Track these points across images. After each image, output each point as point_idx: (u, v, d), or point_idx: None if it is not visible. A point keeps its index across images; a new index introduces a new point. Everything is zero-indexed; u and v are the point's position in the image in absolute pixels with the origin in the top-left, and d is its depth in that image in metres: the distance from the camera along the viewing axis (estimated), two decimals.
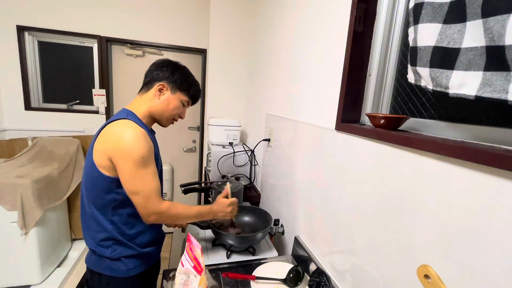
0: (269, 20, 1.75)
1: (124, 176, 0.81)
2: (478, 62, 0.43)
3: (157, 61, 0.98)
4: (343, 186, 0.86)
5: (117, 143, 0.81)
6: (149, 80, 0.95)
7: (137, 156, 0.80)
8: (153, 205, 0.83)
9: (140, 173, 0.81)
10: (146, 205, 0.82)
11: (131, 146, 0.80)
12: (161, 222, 0.89)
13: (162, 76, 0.94)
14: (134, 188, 0.81)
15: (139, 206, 0.83)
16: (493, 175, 0.43)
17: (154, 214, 0.84)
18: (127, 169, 0.80)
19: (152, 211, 0.83)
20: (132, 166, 0.80)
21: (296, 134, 1.24)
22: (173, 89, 0.95)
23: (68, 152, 1.91)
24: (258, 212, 1.29)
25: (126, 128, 0.83)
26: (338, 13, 0.92)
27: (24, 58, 2.19)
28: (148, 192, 0.82)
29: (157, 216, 0.85)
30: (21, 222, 1.43)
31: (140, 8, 2.35)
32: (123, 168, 0.81)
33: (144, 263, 0.96)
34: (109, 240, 0.89)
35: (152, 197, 0.83)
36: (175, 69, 0.96)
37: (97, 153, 0.83)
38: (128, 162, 0.80)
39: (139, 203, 0.82)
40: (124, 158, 0.80)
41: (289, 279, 0.91)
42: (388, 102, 0.83)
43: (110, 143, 0.82)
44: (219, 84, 2.30)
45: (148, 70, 0.97)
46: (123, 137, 0.81)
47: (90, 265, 0.92)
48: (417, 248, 0.57)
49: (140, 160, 0.81)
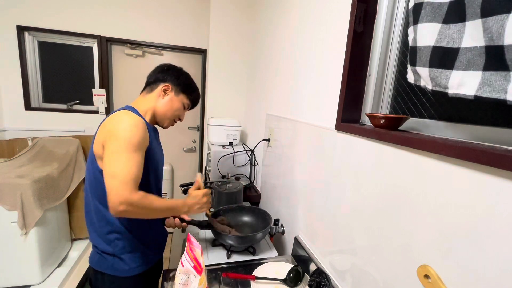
0: (269, 20, 1.75)
1: (107, 157, 0.77)
2: (477, 62, 0.43)
3: (161, 64, 1.02)
4: (343, 186, 0.86)
5: (112, 127, 0.81)
6: (153, 80, 0.98)
7: (127, 139, 0.78)
8: (126, 192, 0.74)
9: (125, 156, 0.77)
10: (119, 191, 0.73)
11: (123, 130, 0.79)
12: (130, 214, 0.77)
13: (167, 78, 0.98)
14: (113, 170, 0.75)
15: (112, 191, 0.74)
16: (493, 175, 0.43)
17: (124, 204, 0.73)
18: (112, 150, 0.77)
19: (123, 198, 0.73)
20: (119, 147, 0.77)
21: (296, 134, 1.24)
22: (177, 91, 0.99)
23: (68, 152, 1.91)
24: (258, 212, 1.29)
25: (124, 115, 0.84)
26: (338, 13, 0.92)
27: (24, 58, 2.19)
28: (126, 177, 0.75)
29: (126, 206, 0.74)
30: (21, 222, 1.43)
31: (140, 8, 2.36)
32: (109, 148, 0.78)
33: (146, 262, 0.96)
34: (113, 233, 0.89)
35: (128, 184, 0.75)
36: (180, 73, 1.01)
37: (96, 142, 0.84)
38: (116, 142, 0.77)
39: (113, 188, 0.74)
40: (113, 138, 0.78)
41: (289, 279, 0.91)
42: (388, 102, 0.83)
43: (106, 130, 0.82)
44: (219, 84, 2.30)
45: (153, 72, 1.00)
46: (119, 121, 0.81)
47: (93, 265, 0.93)
48: (417, 248, 0.57)
49: (128, 144, 0.78)
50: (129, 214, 0.77)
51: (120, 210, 0.74)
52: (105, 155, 0.78)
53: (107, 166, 0.76)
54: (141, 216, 0.82)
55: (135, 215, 0.79)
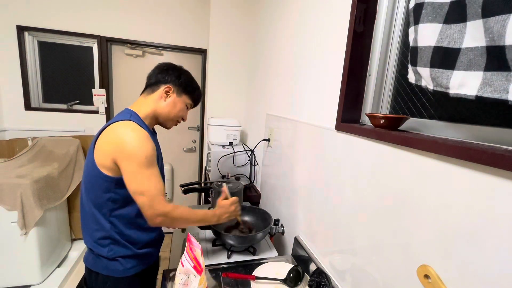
0: (269, 20, 1.75)
1: (129, 177, 0.81)
2: (478, 62, 0.43)
3: (161, 64, 1.00)
4: (343, 186, 0.86)
5: (121, 145, 0.81)
6: (154, 82, 0.96)
7: (141, 157, 0.80)
8: (159, 206, 0.81)
9: (145, 173, 0.81)
10: (152, 205, 0.80)
11: (136, 148, 0.81)
12: (166, 224, 0.85)
13: (168, 79, 0.96)
14: (140, 189, 0.80)
15: (145, 207, 0.80)
16: (493, 175, 0.43)
17: (160, 216, 0.81)
18: (132, 170, 0.80)
19: (158, 212, 0.81)
20: (137, 167, 0.80)
21: (296, 134, 1.24)
22: (179, 92, 0.98)
23: (68, 152, 1.91)
24: (258, 212, 1.29)
25: (130, 130, 0.83)
26: (338, 13, 0.92)
27: (24, 58, 2.19)
28: (153, 192, 0.81)
29: (163, 217, 0.82)
30: (21, 222, 1.43)
31: (140, 8, 2.35)
32: (128, 169, 0.80)
33: (141, 263, 0.96)
34: (107, 239, 0.89)
35: (157, 198, 0.81)
36: (180, 73, 0.99)
37: (99, 153, 0.84)
38: (133, 163, 0.80)
39: (145, 204, 0.80)
40: (129, 159, 0.80)
41: (289, 279, 0.91)
42: (388, 102, 0.83)
43: (113, 144, 0.82)
44: (219, 84, 2.30)
45: (152, 72, 0.99)
46: (127, 139, 0.81)
47: (88, 264, 0.93)
48: (417, 248, 0.57)
49: (145, 161, 0.81)
50: (166, 224, 0.85)
51: (158, 222, 0.82)
52: (127, 177, 0.81)
53: (133, 186, 0.81)
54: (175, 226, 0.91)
55: (170, 225, 0.87)
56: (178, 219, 0.86)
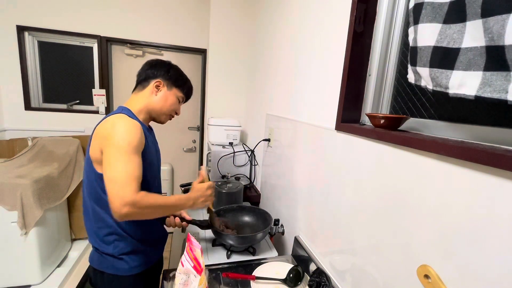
0: (269, 20, 1.75)
1: (106, 161, 0.76)
2: (478, 62, 0.43)
3: (149, 60, 1.00)
4: (343, 186, 0.86)
5: (108, 132, 0.80)
6: (144, 78, 0.97)
7: (124, 142, 0.77)
8: (128, 194, 0.71)
9: (122, 159, 0.76)
10: (120, 193, 0.71)
11: (119, 133, 0.79)
12: (135, 216, 0.74)
13: (157, 73, 0.97)
14: (113, 174, 0.74)
15: (113, 195, 0.72)
16: (493, 175, 0.43)
17: (127, 205, 0.71)
18: (109, 154, 0.76)
19: (125, 200, 0.71)
20: (115, 151, 0.76)
21: (296, 134, 1.24)
22: (169, 86, 0.98)
23: (68, 152, 1.91)
24: (258, 212, 1.29)
25: (119, 119, 0.83)
26: (338, 13, 0.92)
27: (24, 58, 2.19)
28: (126, 179, 0.73)
29: (130, 207, 0.71)
30: (21, 222, 1.43)
31: (140, 8, 2.35)
32: (106, 153, 0.77)
33: (146, 261, 0.96)
34: (112, 235, 0.89)
35: (129, 185, 0.73)
36: (169, 67, 1.00)
37: (92, 148, 0.84)
38: (113, 147, 0.77)
39: (113, 191, 0.72)
40: (110, 144, 0.77)
41: (289, 279, 0.91)
42: (388, 102, 0.83)
43: (102, 133, 0.82)
44: (219, 84, 2.30)
45: (142, 69, 0.99)
46: (115, 126, 0.81)
47: (93, 264, 0.93)
48: (417, 248, 0.57)
49: (127, 148, 0.77)
50: (134, 216, 0.74)
51: (124, 212, 0.71)
52: (104, 161, 0.77)
53: (107, 171, 0.75)
54: (146, 217, 0.79)
55: (139, 216, 0.76)
56: (148, 207, 0.76)
